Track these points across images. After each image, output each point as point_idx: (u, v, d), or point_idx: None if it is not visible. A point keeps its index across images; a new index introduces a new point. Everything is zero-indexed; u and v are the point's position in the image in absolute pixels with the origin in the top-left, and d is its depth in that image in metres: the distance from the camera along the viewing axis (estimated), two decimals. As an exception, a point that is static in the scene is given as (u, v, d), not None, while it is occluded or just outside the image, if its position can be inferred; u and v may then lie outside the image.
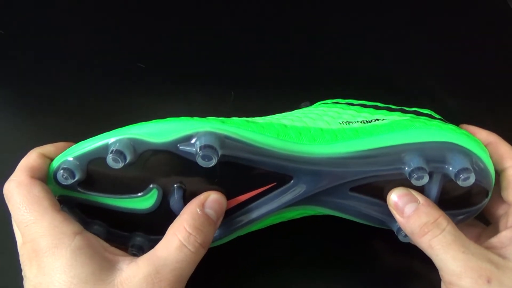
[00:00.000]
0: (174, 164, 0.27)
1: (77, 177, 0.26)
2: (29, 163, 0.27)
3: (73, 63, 0.43)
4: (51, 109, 0.40)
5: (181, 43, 0.45)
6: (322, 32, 0.47)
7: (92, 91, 0.41)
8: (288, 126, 0.29)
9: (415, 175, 0.27)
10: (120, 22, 0.47)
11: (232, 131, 0.27)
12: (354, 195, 0.29)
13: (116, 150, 0.25)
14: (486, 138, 0.30)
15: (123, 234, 0.29)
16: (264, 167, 0.27)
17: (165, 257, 0.25)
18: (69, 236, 0.25)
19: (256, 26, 0.47)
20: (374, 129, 0.29)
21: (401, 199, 0.28)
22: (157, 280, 0.24)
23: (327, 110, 0.32)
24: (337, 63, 0.44)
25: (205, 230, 0.26)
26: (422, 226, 0.26)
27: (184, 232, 0.25)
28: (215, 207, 0.27)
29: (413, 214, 0.27)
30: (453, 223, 0.27)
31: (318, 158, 0.27)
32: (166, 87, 0.42)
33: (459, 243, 0.26)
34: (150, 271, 0.24)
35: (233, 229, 0.29)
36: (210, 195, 0.27)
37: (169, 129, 0.26)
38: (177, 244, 0.25)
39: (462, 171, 0.27)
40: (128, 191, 0.27)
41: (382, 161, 0.28)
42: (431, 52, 0.46)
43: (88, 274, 0.24)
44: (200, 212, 0.26)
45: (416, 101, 0.42)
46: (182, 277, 0.25)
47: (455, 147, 0.28)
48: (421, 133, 0.28)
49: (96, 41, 0.45)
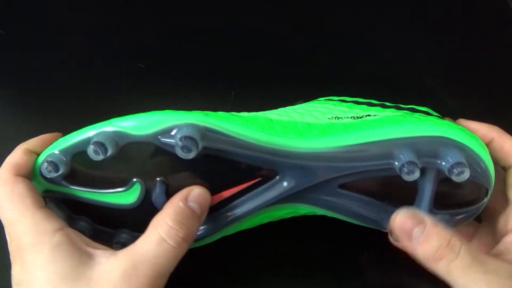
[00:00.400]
0: (156, 157, 0.26)
1: (61, 171, 0.26)
2: (13, 160, 0.27)
3: (73, 63, 0.43)
4: (51, 109, 0.40)
5: (181, 43, 0.45)
6: (323, 32, 0.47)
7: (92, 91, 0.41)
8: (273, 120, 0.28)
9: (405, 169, 0.26)
10: (120, 22, 0.47)
11: (213, 123, 0.26)
12: (343, 193, 0.28)
13: (97, 142, 0.25)
14: (488, 133, 0.29)
15: (108, 231, 0.28)
16: (247, 161, 0.27)
17: (144, 252, 0.25)
18: (50, 233, 0.25)
19: (256, 26, 0.47)
20: (364, 124, 0.28)
21: (406, 222, 0.25)
22: (134, 275, 0.24)
23: (318, 106, 0.31)
24: (337, 63, 0.44)
25: (188, 224, 0.26)
26: (436, 251, 0.24)
27: (165, 226, 0.25)
28: (198, 200, 0.26)
29: (423, 239, 0.24)
30: (465, 241, 0.25)
31: (304, 153, 0.27)
32: (166, 87, 0.42)
33: (478, 263, 0.24)
34: (128, 266, 0.24)
35: (219, 226, 0.28)
36: (193, 189, 0.27)
37: (151, 121, 0.26)
38: (157, 239, 0.25)
39: (456, 165, 0.25)
40: (111, 185, 0.27)
41: (371, 156, 0.27)
42: (431, 52, 0.46)
43: (67, 270, 0.24)
44: (183, 206, 0.26)
45: (416, 101, 0.42)
46: (161, 272, 0.25)
47: (449, 142, 0.27)
48: (414, 128, 0.27)
49: (96, 41, 0.45)
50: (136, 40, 0.45)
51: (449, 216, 0.28)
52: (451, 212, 0.28)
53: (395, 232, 0.26)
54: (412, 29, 0.47)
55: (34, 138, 0.28)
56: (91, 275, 0.24)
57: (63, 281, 0.24)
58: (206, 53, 0.45)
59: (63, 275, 0.24)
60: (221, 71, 0.43)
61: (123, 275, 0.24)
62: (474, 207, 0.28)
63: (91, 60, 0.43)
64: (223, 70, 0.43)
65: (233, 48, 0.45)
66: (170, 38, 0.46)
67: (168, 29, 0.46)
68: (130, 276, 0.24)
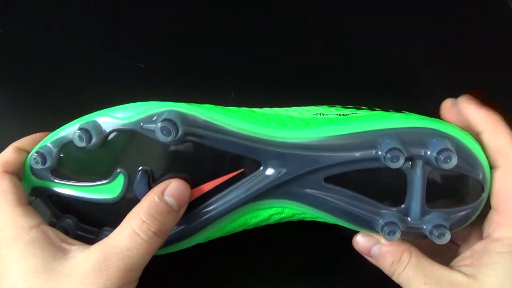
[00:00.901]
0: (139, 146, 0.27)
1: (48, 163, 0.27)
2: (3, 158, 0.28)
3: (73, 63, 0.43)
4: (51, 109, 0.40)
5: (181, 43, 0.45)
6: (323, 32, 0.47)
7: (92, 91, 0.41)
8: (256, 112, 0.28)
9: (389, 155, 0.25)
10: (120, 22, 0.47)
11: (195, 110, 0.27)
12: (329, 187, 0.27)
13: (82, 128, 0.26)
14: (482, 123, 0.27)
15: (92, 230, 0.29)
16: (229, 149, 0.27)
17: (116, 245, 0.25)
18: (26, 229, 0.25)
19: (256, 26, 0.47)
20: (350, 119, 0.28)
21: (364, 241, 0.28)
22: (104, 267, 0.24)
23: (304, 107, 0.31)
24: (337, 63, 0.44)
25: (162, 219, 0.26)
26: (390, 267, 0.27)
27: (138, 220, 0.25)
28: (175, 194, 0.27)
29: (379, 256, 0.28)
30: (419, 253, 0.27)
31: (286, 142, 0.27)
32: (166, 87, 0.42)
33: (420, 274, 0.26)
34: (100, 258, 0.25)
35: (200, 223, 0.28)
36: (171, 182, 0.27)
37: (134, 110, 0.27)
38: (129, 232, 0.25)
39: (442, 151, 0.25)
40: (96, 178, 0.28)
41: (354, 145, 0.26)
42: (431, 51, 0.46)
43: (38, 265, 0.24)
44: (158, 200, 0.26)
45: (416, 101, 0.42)
46: (133, 265, 0.25)
47: (435, 132, 0.26)
48: (400, 121, 0.27)
49: (96, 40, 0.45)
50: (136, 40, 0.45)
51: (445, 215, 0.27)
52: (446, 210, 0.27)
53: (358, 250, 0.29)
54: (412, 29, 0.47)
55: (25, 137, 0.29)
56: (62, 269, 0.25)
57: (34, 274, 0.24)
58: (206, 53, 0.45)
59: (34, 269, 0.24)
60: (221, 71, 0.43)
61: (94, 267, 0.24)
62: (470, 206, 0.27)
63: (91, 60, 0.43)
64: (223, 70, 0.43)
65: (233, 48, 0.45)
66: (171, 38, 0.46)
67: (169, 29, 0.46)
68: (100, 268, 0.24)
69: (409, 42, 0.47)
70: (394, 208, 0.28)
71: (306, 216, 0.29)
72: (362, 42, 0.46)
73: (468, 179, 0.27)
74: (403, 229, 0.27)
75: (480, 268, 0.26)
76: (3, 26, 0.45)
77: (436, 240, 0.27)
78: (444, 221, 0.27)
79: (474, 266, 0.26)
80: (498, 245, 0.26)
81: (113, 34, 0.46)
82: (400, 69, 0.44)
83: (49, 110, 0.40)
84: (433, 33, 0.47)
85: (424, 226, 0.27)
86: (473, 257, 0.27)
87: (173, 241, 0.29)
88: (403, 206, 0.28)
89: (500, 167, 0.27)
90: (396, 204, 0.28)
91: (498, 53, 0.46)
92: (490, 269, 0.25)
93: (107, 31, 0.46)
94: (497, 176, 0.27)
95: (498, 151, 0.27)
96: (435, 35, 0.47)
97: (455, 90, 0.43)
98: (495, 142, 0.27)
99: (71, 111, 0.40)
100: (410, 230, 0.28)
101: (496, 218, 0.26)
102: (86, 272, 0.24)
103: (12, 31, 0.45)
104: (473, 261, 0.26)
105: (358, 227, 0.29)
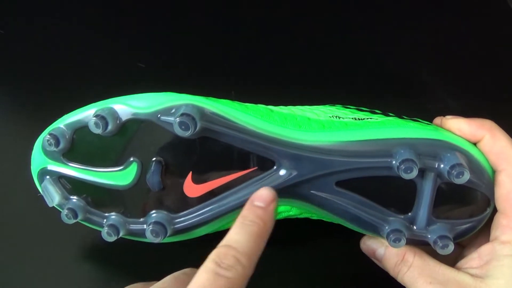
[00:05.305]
0: (154, 138, 0.27)
1: (61, 145, 0.27)
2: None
3: (73, 63, 0.43)
4: (51, 108, 0.40)
5: (181, 43, 0.45)
6: (323, 32, 0.47)
7: (92, 91, 0.41)
8: (274, 111, 0.28)
9: (403, 167, 0.25)
10: (120, 22, 0.47)
11: (214, 106, 0.27)
12: (340, 191, 0.27)
13: (99, 115, 0.26)
14: (477, 131, 0.27)
15: (100, 214, 0.29)
16: (245, 147, 0.27)
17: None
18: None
19: (257, 26, 0.47)
20: (365, 124, 0.28)
21: (370, 245, 0.29)
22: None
23: (321, 107, 0.31)
24: (337, 63, 0.44)
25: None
26: (394, 267, 0.27)
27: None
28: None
29: (384, 257, 0.28)
30: (423, 253, 0.27)
31: (302, 144, 0.27)
32: (166, 87, 0.42)
33: (426, 274, 0.26)
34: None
35: (211, 216, 0.28)
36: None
37: (152, 100, 0.27)
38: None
39: (455, 166, 0.25)
40: (109, 164, 0.28)
41: (369, 152, 0.27)
42: (431, 51, 0.46)
43: None
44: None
45: (416, 101, 0.42)
46: None
47: (450, 145, 0.26)
48: (415, 131, 0.27)
49: (96, 41, 0.45)
50: (136, 40, 0.45)
51: (450, 226, 0.28)
52: (451, 222, 0.28)
53: (364, 252, 0.30)
54: (412, 28, 0.47)
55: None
56: None
57: None
58: (207, 53, 0.45)
59: None
60: (221, 71, 0.43)
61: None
62: (475, 219, 0.28)
63: (91, 60, 0.43)
64: (223, 69, 0.43)
65: (234, 48, 0.45)
66: (170, 38, 0.46)
67: (169, 29, 0.46)
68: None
69: (409, 43, 0.47)
70: (401, 216, 0.28)
71: (313, 215, 0.30)
72: (362, 42, 0.46)
73: (476, 192, 0.27)
74: (408, 236, 0.27)
75: (488, 271, 0.26)
76: (3, 26, 0.45)
77: (439, 250, 0.27)
78: (448, 232, 0.27)
79: (482, 268, 0.26)
80: (506, 248, 0.26)
81: (113, 34, 0.46)
82: (400, 69, 0.44)
83: (49, 110, 0.40)
84: (433, 33, 0.47)
85: (429, 235, 0.28)
86: (480, 259, 0.27)
87: (183, 231, 0.29)
88: (410, 214, 0.28)
89: (503, 171, 0.26)
90: (403, 211, 0.28)
91: (498, 53, 0.46)
92: (498, 271, 0.25)
93: (107, 31, 0.46)
94: (502, 180, 0.26)
95: (500, 155, 0.26)
96: (435, 35, 0.47)
97: (455, 90, 0.43)
98: (495, 146, 0.27)
99: (71, 111, 0.40)
100: (415, 238, 0.28)
101: (504, 221, 0.26)
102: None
103: (12, 31, 0.45)
104: (480, 263, 0.26)
105: (364, 230, 0.29)
